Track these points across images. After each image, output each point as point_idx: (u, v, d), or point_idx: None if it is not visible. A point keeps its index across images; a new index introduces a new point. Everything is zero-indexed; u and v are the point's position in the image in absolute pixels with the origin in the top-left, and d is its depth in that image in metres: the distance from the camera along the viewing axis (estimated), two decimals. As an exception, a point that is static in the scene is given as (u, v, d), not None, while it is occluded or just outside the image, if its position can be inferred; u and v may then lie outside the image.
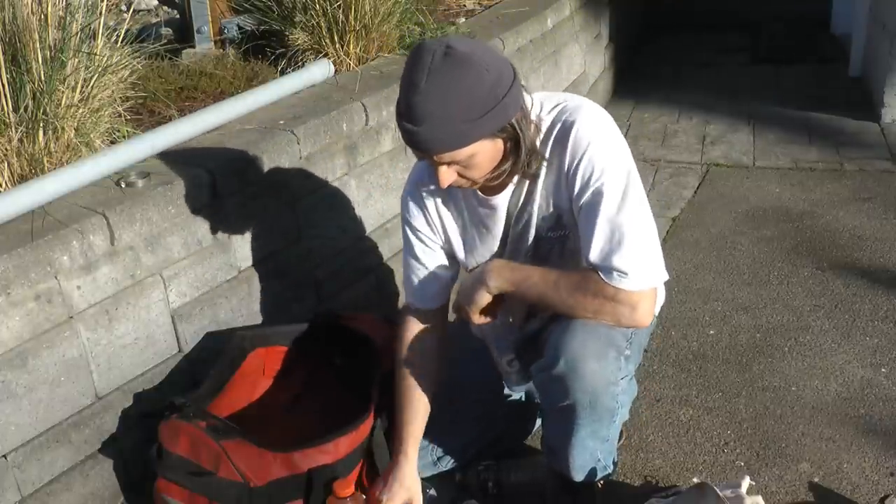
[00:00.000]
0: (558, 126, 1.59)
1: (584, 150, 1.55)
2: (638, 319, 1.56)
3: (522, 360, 1.75)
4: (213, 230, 2.07)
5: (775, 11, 5.61)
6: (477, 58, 1.45)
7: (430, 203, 1.77)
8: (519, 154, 1.55)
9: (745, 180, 3.60)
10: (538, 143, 1.60)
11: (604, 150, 1.56)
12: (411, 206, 1.79)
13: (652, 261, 1.56)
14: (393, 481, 1.74)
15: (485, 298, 1.64)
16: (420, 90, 1.44)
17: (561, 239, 1.67)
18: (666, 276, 1.61)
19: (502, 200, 1.69)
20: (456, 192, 1.73)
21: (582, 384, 1.58)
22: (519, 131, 1.53)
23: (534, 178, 1.64)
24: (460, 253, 1.81)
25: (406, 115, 1.47)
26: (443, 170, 1.54)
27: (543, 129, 1.60)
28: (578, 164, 1.56)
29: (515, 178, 1.64)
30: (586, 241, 1.55)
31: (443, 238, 1.80)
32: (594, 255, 1.54)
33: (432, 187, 1.73)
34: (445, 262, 1.83)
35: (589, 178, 1.55)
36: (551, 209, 1.65)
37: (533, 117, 1.59)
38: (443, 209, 1.78)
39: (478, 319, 1.68)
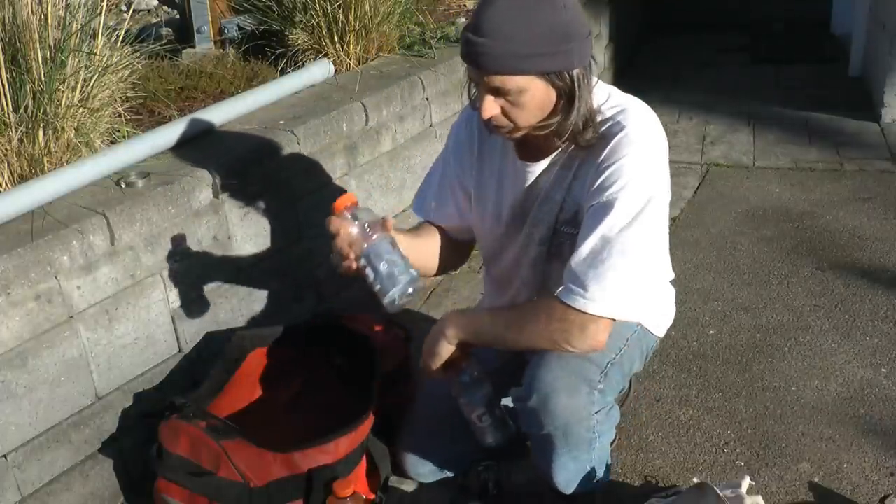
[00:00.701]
0: (610, 123, 1.56)
1: (619, 157, 1.52)
2: (589, 343, 1.52)
3: (493, 415, 1.73)
4: (213, 230, 2.07)
5: (775, 11, 5.61)
6: None
7: (472, 135, 1.77)
8: (570, 113, 1.50)
9: (745, 180, 3.59)
10: (592, 125, 1.55)
11: (637, 167, 1.52)
12: (457, 130, 1.81)
13: (622, 293, 1.50)
14: None
15: (446, 349, 1.64)
16: (495, 4, 1.42)
17: (573, 237, 1.64)
18: (635, 318, 1.58)
19: (535, 170, 1.66)
20: (495, 143, 1.71)
21: (553, 419, 1.58)
22: (576, 87, 1.48)
23: (568, 167, 1.62)
24: (474, 192, 1.80)
25: (472, 25, 1.45)
26: (489, 99, 1.49)
27: (598, 119, 1.57)
28: (608, 167, 1.53)
29: (559, 149, 1.61)
30: (578, 243, 1.54)
31: (465, 170, 1.79)
32: (576, 259, 1.52)
33: (479, 127, 1.71)
34: (459, 192, 1.83)
35: (609, 185, 1.52)
36: (573, 202, 1.64)
37: (596, 104, 1.55)
38: (478, 146, 1.76)
39: (443, 374, 1.67)
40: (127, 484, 1.93)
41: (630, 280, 1.51)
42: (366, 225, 1.54)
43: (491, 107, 1.50)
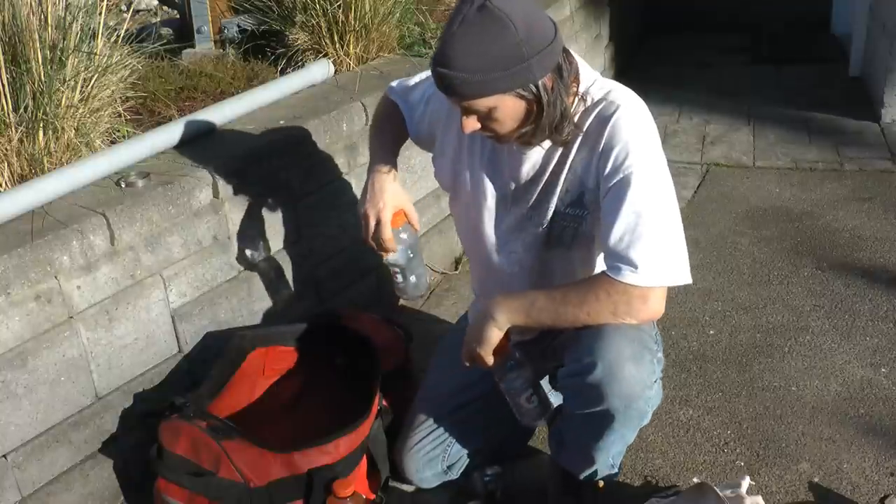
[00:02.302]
0: (603, 104, 1.61)
1: (622, 134, 1.57)
2: (650, 313, 1.56)
3: (539, 395, 1.72)
4: (213, 230, 2.07)
5: (775, 11, 5.61)
6: (510, 15, 1.46)
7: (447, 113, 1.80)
8: (541, 117, 1.55)
9: (745, 180, 3.60)
10: (577, 115, 1.61)
11: (642, 139, 1.57)
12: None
13: (667, 258, 1.54)
14: (374, 192, 1.79)
15: (496, 335, 1.62)
16: (451, 35, 1.49)
17: (577, 219, 1.67)
18: (683, 279, 1.58)
19: (532, 156, 1.68)
20: (484, 138, 1.74)
21: (619, 389, 1.57)
22: (543, 94, 1.53)
23: (567, 148, 1.64)
24: (459, 178, 1.82)
25: (436, 55, 1.52)
26: (465, 116, 1.57)
27: (589, 101, 1.62)
28: (612, 147, 1.57)
29: (547, 144, 1.65)
30: (607, 225, 1.55)
31: (439, 149, 1.85)
32: (613, 240, 1.53)
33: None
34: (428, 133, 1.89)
35: (621, 163, 1.55)
36: (577, 184, 1.66)
37: (582, 88, 1.62)
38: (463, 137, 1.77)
39: (493, 361, 1.65)
40: (127, 484, 1.93)
41: (670, 244, 1.55)
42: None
43: (470, 124, 1.58)
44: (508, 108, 1.54)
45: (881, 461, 1.98)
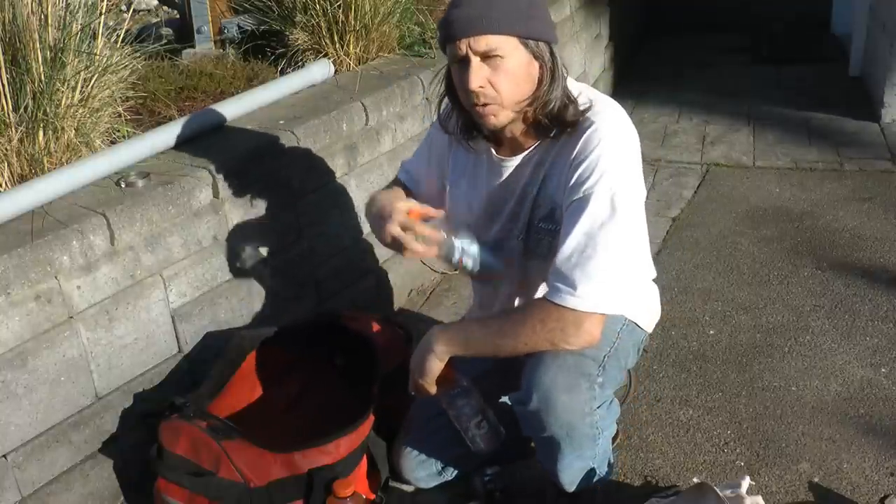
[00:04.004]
0: (580, 119, 1.60)
1: (590, 150, 1.55)
2: (586, 339, 1.53)
3: (489, 420, 1.73)
4: (213, 230, 2.07)
5: (775, 11, 5.61)
6: None
7: (444, 140, 1.83)
8: (552, 86, 1.56)
9: (745, 180, 3.60)
10: (573, 104, 1.61)
11: (610, 158, 1.54)
12: (434, 129, 1.87)
13: (610, 287, 1.52)
14: (382, 207, 1.69)
15: (436, 366, 1.64)
16: None
17: (551, 233, 1.66)
18: (623, 310, 1.58)
19: (511, 164, 1.69)
20: (467, 156, 1.76)
21: (555, 419, 1.58)
22: (554, 59, 1.56)
23: (540, 163, 1.64)
24: (447, 192, 1.85)
25: (451, 3, 1.54)
26: (475, 64, 1.52)
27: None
28: (581, 161, 1.55)
29: (534, 146, 1.65)
30: (561, 241, 1.55)
31: (437, 171, 1.87)
32: (560, 259, 1.53)
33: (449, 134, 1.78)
34: (433, 177, 1.90)
35: (585, 179, 1.54)
36: (548, 200, 1.66)
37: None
38: (453, 154, 1.81)
39: (436, 390, 1.67)
40: (127, 484, 1.93)
41: (616, 273, 1.53)
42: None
43: (478, 72, 1.52)
44: (521, 61, 1.53)
45: (881, 461, 1.98)
